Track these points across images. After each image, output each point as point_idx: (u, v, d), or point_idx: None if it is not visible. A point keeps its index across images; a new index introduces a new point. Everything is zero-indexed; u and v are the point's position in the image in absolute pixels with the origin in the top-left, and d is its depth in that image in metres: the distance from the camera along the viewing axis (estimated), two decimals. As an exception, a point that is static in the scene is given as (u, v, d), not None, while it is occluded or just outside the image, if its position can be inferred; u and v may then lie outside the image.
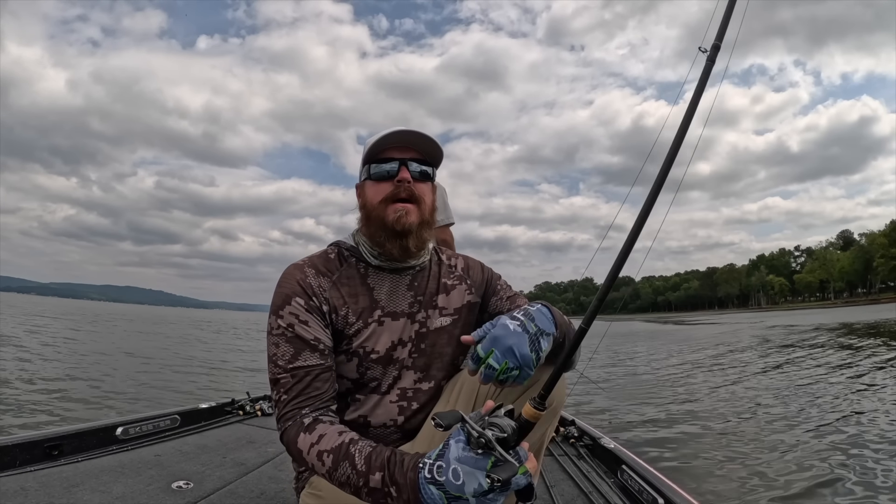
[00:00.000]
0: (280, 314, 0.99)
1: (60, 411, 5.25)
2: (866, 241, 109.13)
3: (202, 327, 32.18)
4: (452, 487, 0.72)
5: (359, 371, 1.05)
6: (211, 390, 7.37)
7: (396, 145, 1.05)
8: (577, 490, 1.79)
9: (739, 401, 6.62)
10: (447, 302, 1.13)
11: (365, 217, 1.08)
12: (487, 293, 1.19)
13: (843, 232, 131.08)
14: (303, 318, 0.99)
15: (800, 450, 4.17)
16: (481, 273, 1.22)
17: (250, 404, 2.79)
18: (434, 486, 0.74)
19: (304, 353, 0.97)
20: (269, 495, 1.64)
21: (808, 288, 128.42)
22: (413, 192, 1.04)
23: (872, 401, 5.99)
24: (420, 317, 1.10)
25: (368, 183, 1.07)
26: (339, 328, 1.03)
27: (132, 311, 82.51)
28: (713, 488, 3.41)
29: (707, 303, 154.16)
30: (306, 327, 0.99)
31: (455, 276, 1.18)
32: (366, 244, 1.09)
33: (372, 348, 1.04)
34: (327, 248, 1.14)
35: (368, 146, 1.06)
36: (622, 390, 7.99)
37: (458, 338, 1.13)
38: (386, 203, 1.03)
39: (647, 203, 0.82)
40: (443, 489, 0.73)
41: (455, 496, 0.72)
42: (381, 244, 1.05)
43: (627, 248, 0.82)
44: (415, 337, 1.09)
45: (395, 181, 1.03)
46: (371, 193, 1.06)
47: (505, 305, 1.17)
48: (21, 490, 1.46)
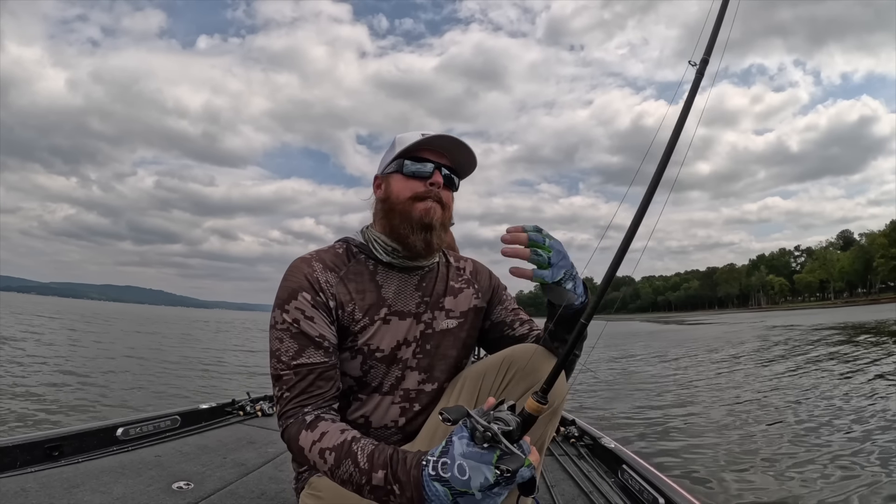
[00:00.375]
0: (286, 308, 0.98)
1: (61, 412, 5.25)
2: (866, 241, 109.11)
3: (202, 327, 32.18)
4: (458, 483, 0.72)
5: (362, 369, 1.04)
6: (211, 390, 7.36)
7: (433, 148, 1.06)
8: (578, 490, 1.79)
9: (740, 401, 6.62)
10: (454, 304, 1.13)
11: (387, 209, 1.07)
12: (493, 300, 1.20)
13: (843, 232, 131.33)
14: (308, 313, 0.98)
15: (801, 450, 4.17)
16: (489, 280, 1.23)
17: (250, 405, 2.79)
18: (439, 483, 0.73)
19: (308, 349, 0.96)
20: (270, 496, 1.64)
21: (808, 288, 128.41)
22: (441, 197, 1.06)
23: (873, 401, 5.99)
24: (426, 317, 1.10)
25: (398, 177, 1.06)
26: (344, 324, 1.03)
27: (132, 310, 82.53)
28: (713, 488, 3.41)
29: (707, 303, 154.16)
30: (312, 323, 0.98)
31: (463, 279, 1.19)
32: (379, 240, 1.08)
33: (377, 346, 1.04)
34: (335, 244, 1.13)
35: (404, 141, 1.06)
36: (622, 390, 7.98)
37: (463, 340, 1.13)
38: (414, 200, 1.04)
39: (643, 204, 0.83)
40: (447, 485, 0.73)
41: (461, 491, 0.72)
42: (403, 238, 1.05)
43: (624, 246, 0.82)
44: (420, 337, 1.08)
45: (428, 183, 1.05)
46: (400, 188, 1.06)
47: (508, 316, 1.17)
48: (21, 491, 1.46)
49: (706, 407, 6.31)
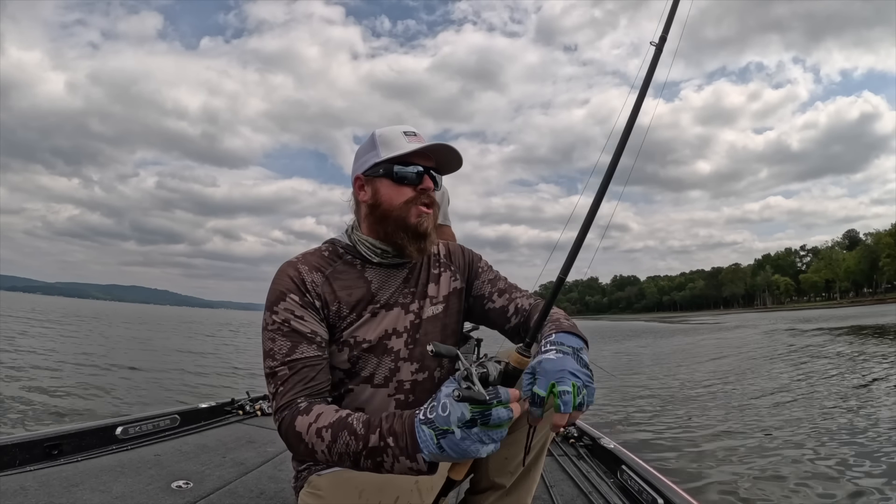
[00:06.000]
0: (275, 310, 1.00)
1: (60, 411, 5.28)
2: (872, 240, 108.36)
3: (203, 327, 32.30)
4: (440, 421, 0.74)
5: (350, 360, 1.04)
6: (211, 390, 7.38)
7: (420, 151, 1.07)
8: (577, 490, 1.78)
9: (740, 401, 6.59)
10: (436, 291, 1.15)
11: (379, 216, 1.07)
12: (471, 277, 1.21)
13: (848, 231, 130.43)
14: (298, 313, 1.00)
15: (802, 450, 4.15)
16: (462, 257, 1.23)
17: (250, 404, 2.79)
18: (426, 426, 0.76)
19: (301, 345, 0.98)
20: (269, 495, 1.64)
21: (814, 288, 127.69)
22: (433, 200, 1.08)
23: (875, 399, 5.95)
24: (414, 307, 1.11)
25: (386, 182, 1.06)
26: (332, 322, 1.04)
27: (137, 310, 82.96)
28: (713, 488, 3.39)
29: (712, 303, 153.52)
30: (302, 321, 0.99)
31: (440, 263, 1.20)
32: (367, 242, 1.09)
33: (363, 338, 1.04)
34: (321, 246, 1.14)
35: (388, 142, 1.06)
36: (623, 390, 7.96)
37: (448, 326, 1.15)
38: (409, 205, 1.05)
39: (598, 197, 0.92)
40: (433, 426, 0.75)
41: (443, 430, 0.74)
42: (398, 245, 1.06)
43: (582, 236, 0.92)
44: (410, 327, 1.09)
45: (419, 188, 1.06)
46: (392, 194, 1.06)
47: (487, 288, 1.18)
48: (21, 489, 1.46)
49: (706, 407, 6.29)
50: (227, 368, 10.43)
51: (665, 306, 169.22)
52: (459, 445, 0.73)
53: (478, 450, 0.73)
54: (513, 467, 1.06)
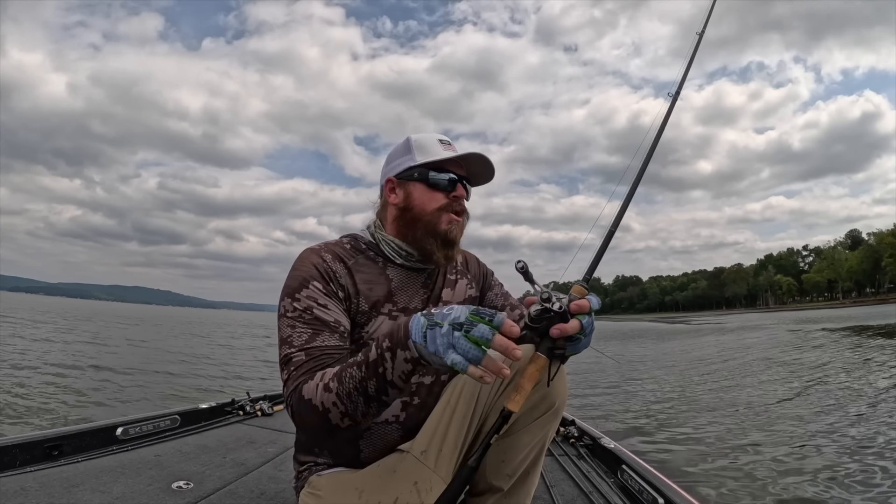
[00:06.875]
0: (296, 297, 0.96)
1: (60, 411, 5.28)
2: (874, 240, 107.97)
3: (203, 327, 32.32)
4: (438, 315, 0.76)
5: None
6: (211, 390, 7.40)
7: (454, 159, 1.08)
8: (577, 490, 1.78)
9: (740, 401, 6.57)
10: (451, 296, 1.15)
11: (410, 219, 1.07)
12: (484, 287, 1.23)
13: (851, 231, 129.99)
14: (321, 301, 0.97)
15: (802, 450, 4.14)
16: (478, 267, 1.25)
17: (250, 404, 2.79)
18: (424, 317, 0.77)
19: (322, 334, 0.94)
20: (269, 495, 1.64)
21: (817, 288, 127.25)
22: (464, 208, 1.09)
23: (876, 400, 5.93)
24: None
25: (420, 186, 1.07)
26: (351, 315, 1.02)
27: (139, 310, 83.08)
28: (713, 488, 3.39)
29: (715, 303, 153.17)
30: (326, 310, 0.96)
31: (456, 270, 1.20)
32: (393, 243, 1.08)
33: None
34: (341, 238, 1.13)
35: (424, 147, 1.07)
36: (623, 391, 7.94)
37: None
38: (441, 212, 1.05)
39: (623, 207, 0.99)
40: (429, 317, 0.77)
41: (435, 322, 0.75)
42: (425, 251, 1.06)
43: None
44: None
45: (452, 195, 1.07)
46: (424, 198, 1.06)
47: (499, 301, 1.20)
48: (21, 490, 1.46)
49: (707, 407, 6.28)
50: (227, 369, 10.44)
51: (667, 306, 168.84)
52: (436, 340, 0.74)
53: (446, 352, 0.73)
54: (510, 471, 1.06)
